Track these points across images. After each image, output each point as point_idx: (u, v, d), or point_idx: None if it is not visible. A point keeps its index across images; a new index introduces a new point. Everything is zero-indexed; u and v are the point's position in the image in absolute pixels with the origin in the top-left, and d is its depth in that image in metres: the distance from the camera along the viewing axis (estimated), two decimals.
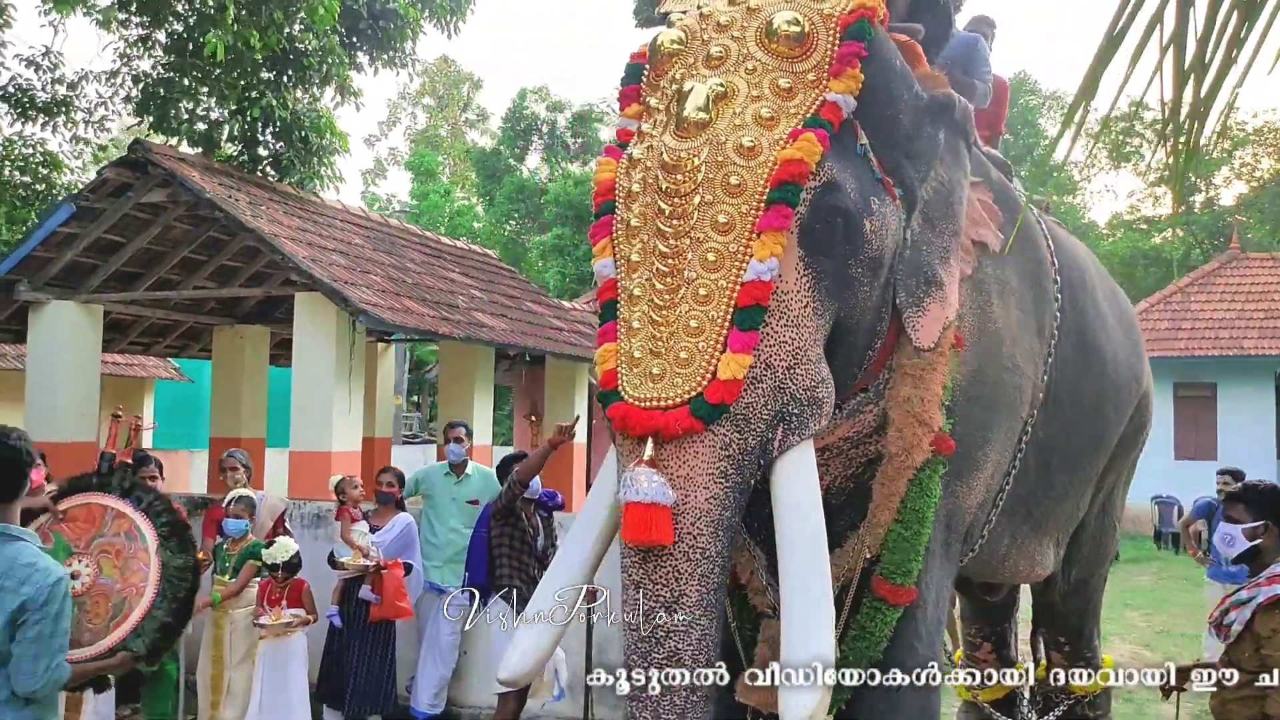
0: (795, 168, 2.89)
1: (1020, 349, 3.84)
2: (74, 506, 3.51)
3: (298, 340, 8.07)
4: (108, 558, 3.39)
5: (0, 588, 2.63)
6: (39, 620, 2.63)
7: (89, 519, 3.47)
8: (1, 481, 2.75)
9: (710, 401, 2.75)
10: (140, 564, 3.38)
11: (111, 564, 3.38)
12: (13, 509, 2.78)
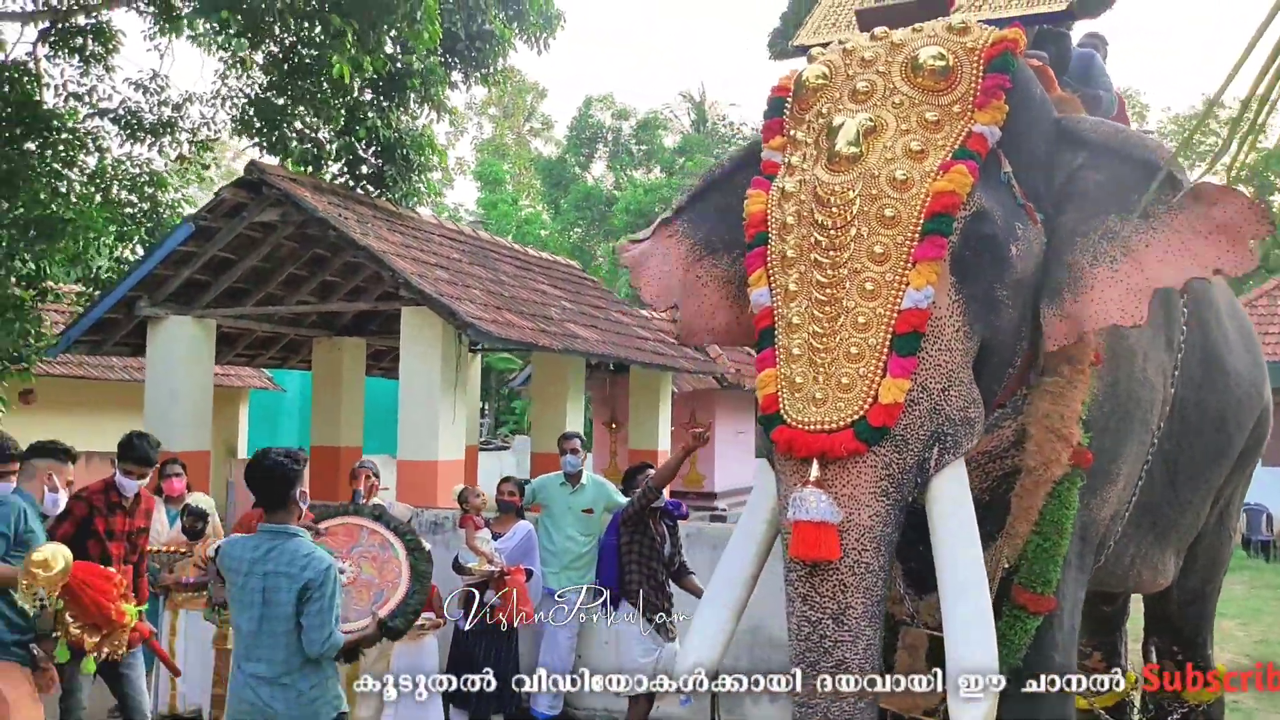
0: (948, 199, 3.04)
1: (1151, 364, 3.94)
2: (332, 525, 4.39)
3: (405, 353, 8.38)
4: (366, 561, 4.28)
5: (288, 573, 3.47)
6: (319, 597, 3.44)
7: (347, 534, 4.37)
8: (270, 492, 3.58)
9: (873, 424, 2.91)
10: (394, 566, 4.28)
11: (370, 565, 4.27)
12: (288, 513, 3.60)
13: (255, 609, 3.51)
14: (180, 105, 11.25)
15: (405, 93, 9.32)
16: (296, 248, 9.43)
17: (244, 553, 3.58)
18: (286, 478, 3.57)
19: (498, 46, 9.95)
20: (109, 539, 4.58)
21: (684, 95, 40.54)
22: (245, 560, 3.56)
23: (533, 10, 10.28)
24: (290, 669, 3.49)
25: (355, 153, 9.57)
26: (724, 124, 39.04)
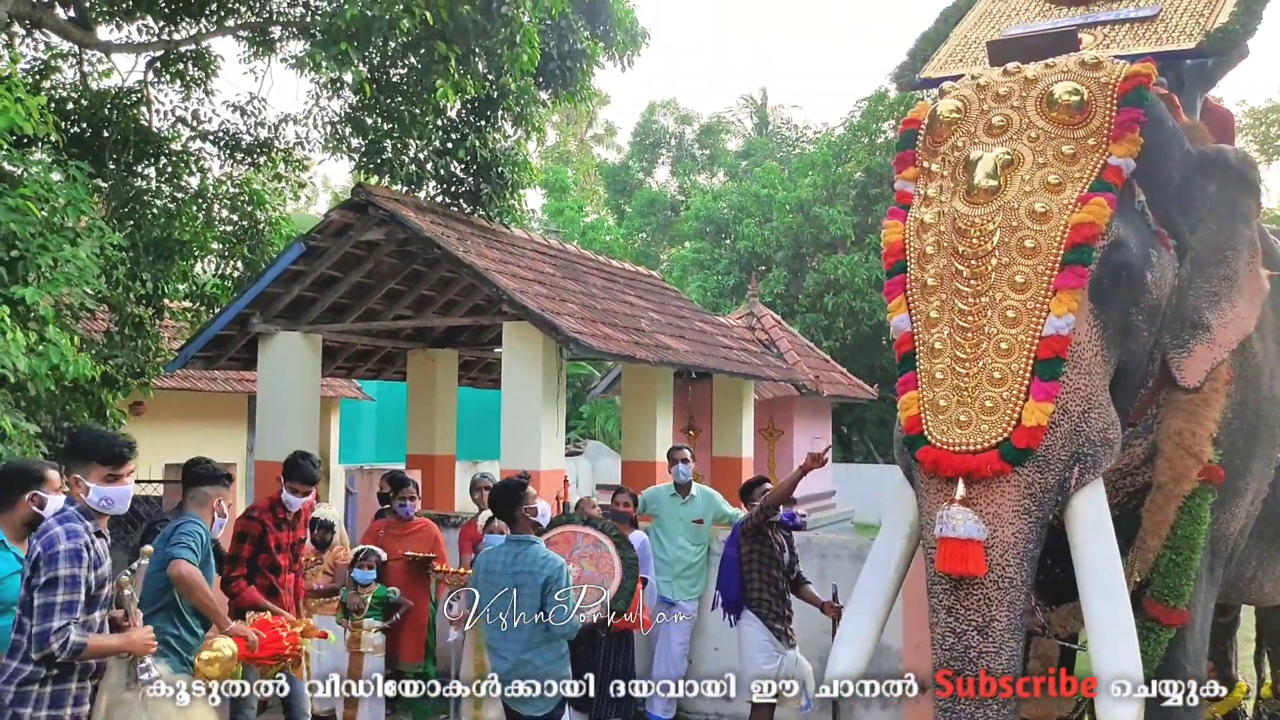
0: (1088, 231, 3.20)
1: (1277, 381, 4.04)
2: (553, 535, 5.34)
3: (507, 365, 8.65)
4: (585, 560, 5.25)
5: (530, 571, 4.32)
6: (559, 589, 4.29)
7: (565, 540, 5.24)
8: (504, 506, 4.53)
9: (1017, 446, 3.08)
10: (606, 560, 5.21)
11: (589, 563, 5.21)
12: (520, 526, 4.48)
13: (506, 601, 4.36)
14: (277, 126, 11.71)
15: (500, 113, 9.61)
16: (397, 264, 9.77)
17: (497, 560, 4.48)
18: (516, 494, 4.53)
19: (587, 65, 10.19)
20: (278, 551, 4.93)
21: (745, 99, 40.60)
22: (498, 564, 4.44)
23: (620, 29, 10.51)
24: (532, 646, 4.31)
25: (452, 172, 9.89)
26: (787, 126, 39.03)
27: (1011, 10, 4.61)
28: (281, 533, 5.05)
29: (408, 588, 6.02)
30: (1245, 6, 3.91)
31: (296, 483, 5.03)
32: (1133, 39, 4.03)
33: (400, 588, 6.01)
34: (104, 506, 3.24)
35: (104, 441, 3.28)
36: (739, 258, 23.62)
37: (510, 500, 4.50)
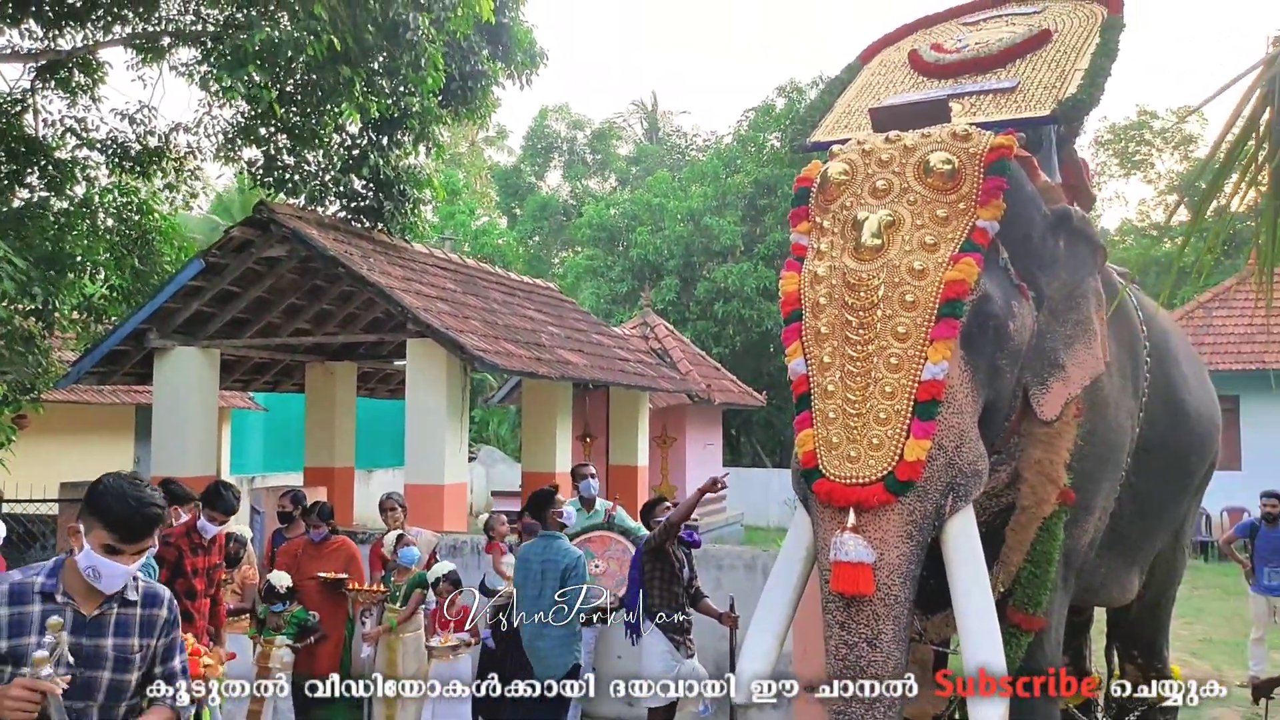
0: (959, 288, 3.63)
1: (1122, 410, 4.57)
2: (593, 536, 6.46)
3: (411, 381, 8.81)
4: (613, 560, 6.40)
5: (555, 560, 5.48)
6: (576, 576, 5.46)
7: (601, 541, 6.35)
8: (538, 508, 5.68)
9: (900, 479, 3.48)
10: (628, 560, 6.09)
11: (614, 563, 6.32)
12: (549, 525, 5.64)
13: (535, 586, 5.49)
14: (167, 135, 11.53)
15: (402, 132, 9.75)
16: (298, 279, 9.81)
17: (532, 551, 5.62)
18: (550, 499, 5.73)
19: (487, 84, 10.40)
20: (194, 575, 5.03)
21: (636, 104, 41.11)
22: (533, 555, 5.59)
23: (519, 49, 10.75)
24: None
25: (354, 188, 9.97)
26: (677, 134, 39.67)
27: (889, 82, 5.06)
28: (197, 558, 5.16)
29: (324, 607, 6.16)
30: (1090, 80, 4.41)
31: (217, 512, 5.15)
32: (995, 108, 4.50)
33: (316, 607, 6.15)
34: (88, 576, 2.57)
35: (119, 503, 2.57)
36: (632, 265, 24.01)
37: (544, 504, 5.71)
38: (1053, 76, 4.51)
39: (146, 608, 2.69)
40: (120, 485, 2.60)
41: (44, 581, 2.60)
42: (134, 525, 2.58)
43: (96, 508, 2.58)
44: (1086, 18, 4.85)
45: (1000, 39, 4.88)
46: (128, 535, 2.57)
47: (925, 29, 5.49)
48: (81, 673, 2.54)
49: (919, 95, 4.65)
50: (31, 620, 2.53)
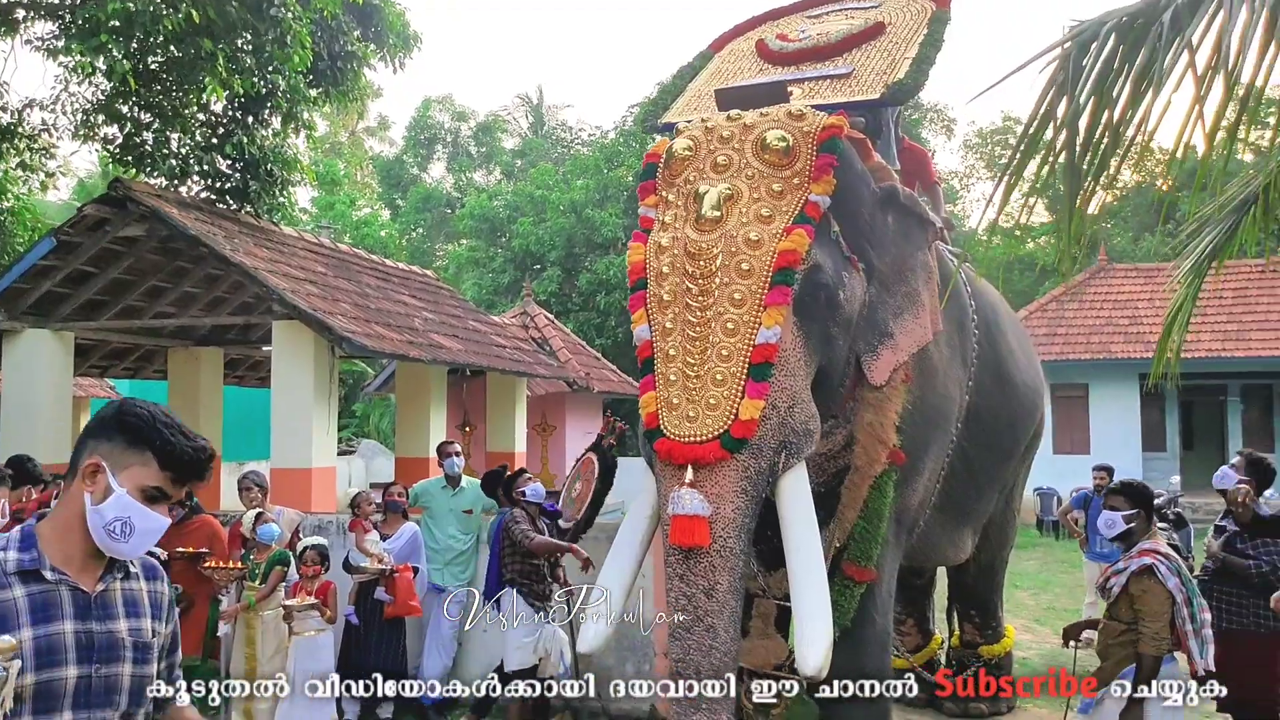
0: (791, 257, 3.84)
1: (950, 378, 4.88)
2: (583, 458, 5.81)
3: (277, 364, 8.68)
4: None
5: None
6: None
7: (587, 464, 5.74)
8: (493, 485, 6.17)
9: (735, 436, 3.67)
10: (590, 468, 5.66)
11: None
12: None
13: None
14: (20, 111, 11.07)
15: (269, 110, 9.58)
16: (159, 260, 9.54)
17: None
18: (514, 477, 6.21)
19: (358, 66, 10.30)
20: None
21: (522, 98, 40.97)
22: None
23: (391, 32, 10.68)
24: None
25: (218, 167, 9.75)
26: (562, 128, 39.68)
27: (737, 69, 5.29)
28: None
29: (186, 583, 6.08)
30: (917, 67, 4.70)
31: None
32: (831, 91, 4.74)
33: (183, 584, 6.08)
34: (109, 533, 1.90)
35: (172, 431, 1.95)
36: (514, 256, 24.01)
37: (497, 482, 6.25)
38: (884, 64, 4.78)
39: (149, 581, 2.07)
40: (159, 411, 1.97)
41: (18, 557, 1.90)
42: (195, 460, 1.97)
43: (142, 436, 1.91)
44: (918, 12, 5.16)
45: (840, 30, 5.14)
46: (184, 473, 1.95)
47: (773, 21, 5.73)
48: (98, 671, 1.91)
49: (761, 78, 4.87)
50: (17, 611, 1.86)
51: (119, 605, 1.98)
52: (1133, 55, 3.62)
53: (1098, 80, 3.61)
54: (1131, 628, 4.14)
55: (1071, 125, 3.60)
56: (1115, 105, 3.42)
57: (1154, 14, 3.49)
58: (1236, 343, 18.10)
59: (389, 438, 25.53)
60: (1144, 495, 4.45)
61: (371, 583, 6.29)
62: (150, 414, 1.95)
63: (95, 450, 1.94)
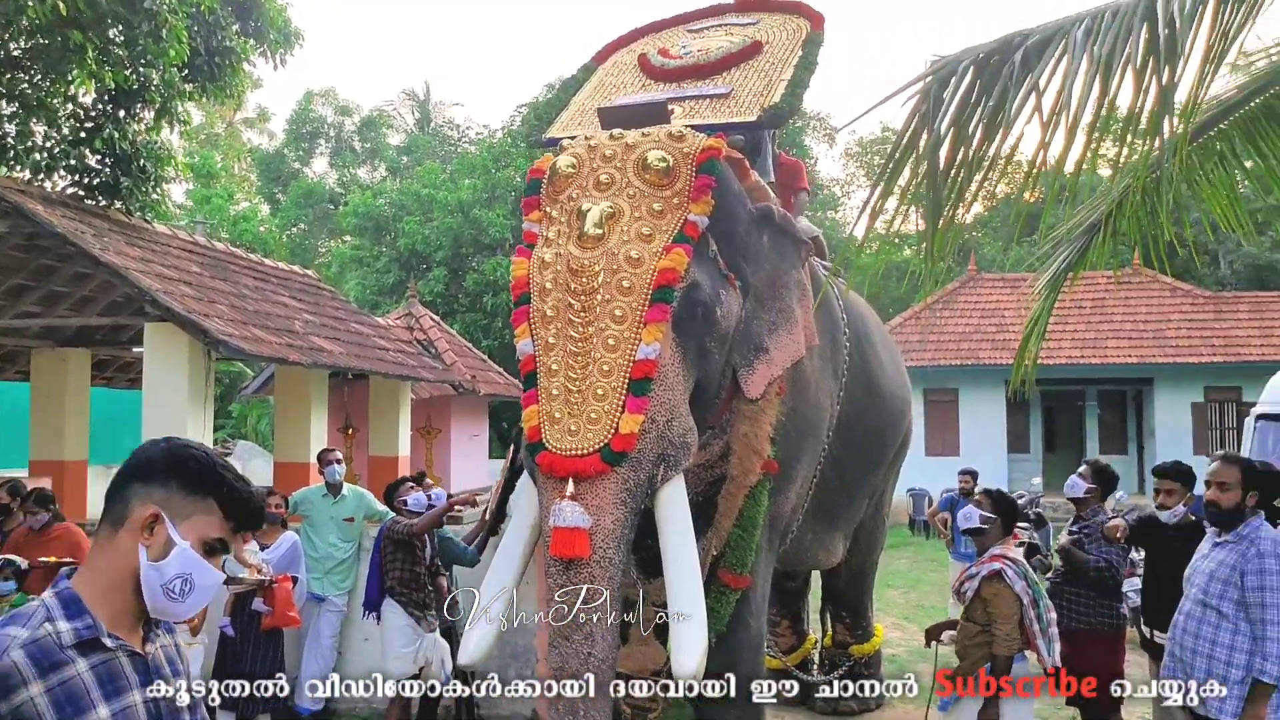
0: (670, 275, 3.97)
1: (822, 390, 5.09)
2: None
3: (149, 368, 8.41)
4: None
5: None
6: None
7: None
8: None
9: (615, 450, 3.77)
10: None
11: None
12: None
13: None
14: None
15: (142, 105, 9.26)
16: (22, 258, 9.12)
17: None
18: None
19: (236, 62, 10.04)
20: None
21: (408, 93, 40.35)
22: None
23: (272, 28, 10.45)
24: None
25: (86, 162, 9.38)
26: (449, 125, 39.24)
27: (620, 83, 5.40)
28: None
29: None
30: (791, 90, 4.89)
31: None
32: (711, 112, 4.90)
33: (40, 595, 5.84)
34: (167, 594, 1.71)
35: (233, 475, 1.81)
36: (399, 256, 23.66)
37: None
38: (761, 85, 4.95)
39: (169, 633, 1.89)
40: (212, 450, 1.83)
41: (72, 627, 1.67)
42: (258, 508, 1.85)
43: (204, 482, 1.74)
44: (793, 32, 5.36)
45: (720, 47, 5.31)
46: (246, 521, 1.82)
47: (654, 34, 5.86)
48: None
49: (643, 97, 4.99)
50: (86, 688, 1.64)
51: (166, 664, 1.80)
52: (988, 90, 3.87)
53: (956, 113, 3.84)
54: (985, 629, 4.41)
55: (931, 156, 3.83)
56: (971, 141, 3.65)
57: (1008, 52, 3.74)
58: (1094, 351, 19.16)
59: (267, 439, 24.85)
60: (1007, 505, 4.73)
61: (249, 593, 6.17)
62: (208, 456, 1.78)
63: (148, 497, 1.71)
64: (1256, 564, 3.80)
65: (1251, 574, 3.81)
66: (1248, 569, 3.83)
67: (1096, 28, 3.55)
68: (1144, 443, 20.62)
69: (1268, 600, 3.74)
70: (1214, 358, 18.84)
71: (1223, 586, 3.91)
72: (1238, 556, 3.89)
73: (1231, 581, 3.88)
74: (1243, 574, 3.85)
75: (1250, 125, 5.44)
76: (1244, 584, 3.83)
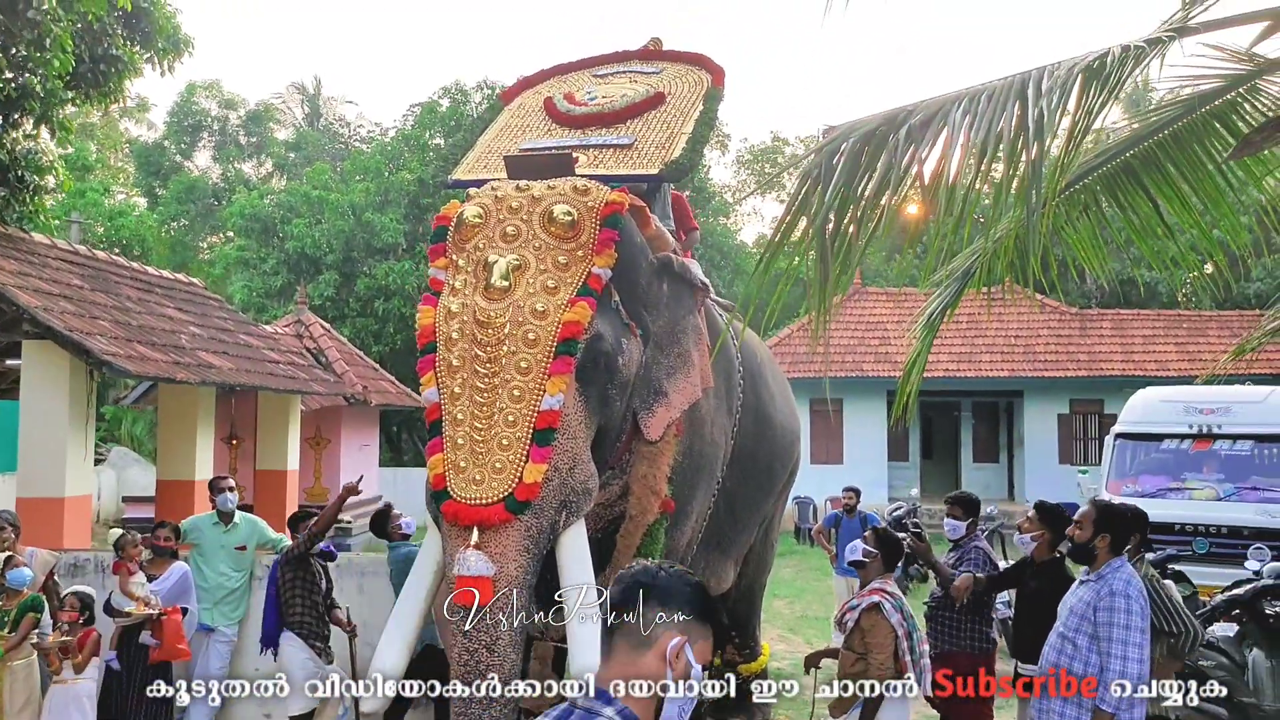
0: (574, 328, 4.12)
1: (716, 427, 5.30)
2: None
3: (28, 387, 8.13)
4: None
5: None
6: None
7: None
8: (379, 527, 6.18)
9: (519, 499, 3.91)
10: None
11: None
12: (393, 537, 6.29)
13: None
14: None
15: (21, 114, 8.92)
16: None
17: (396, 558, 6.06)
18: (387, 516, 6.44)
19: (123, 69, 9.76)
20: None
21: (297, 87, 39.38)
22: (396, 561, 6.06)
23: (161, 35, 10.17)
24: None
25: None
26: (340, 122, 38.45)
27: (526, 125, 5.52)
28: None
29: None
30: (692, 146, 5.08)
31: None
32: (615, 162, 5.05)
33: None
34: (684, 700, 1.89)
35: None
36: (288, 258, 23.12)
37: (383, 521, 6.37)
38: (662, 137, 5.14)
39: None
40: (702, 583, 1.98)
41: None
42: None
43: (707, 611, 1.90)
44: (695, 84, 5.56)
45: (624, 95, 5.47)
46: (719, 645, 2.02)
47: (561, 75, 5.99)
48: None
49: (549, 142, 5.12)
50: None
51: None
52: (875, 159, 4.14)
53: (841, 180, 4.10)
54: (863, 657, 4.69)
55: (821, 220, 4.08)
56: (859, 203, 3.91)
57: (892, 126, 4.01)
58: (969, 364, 20.03)
59: (144, 445, 23.97)
60: (889, 543, 5.02)
61: (136, 626, 6.06)
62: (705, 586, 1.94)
63: (669, 626, 1.83)
64: (1108, 601, 4.16)
65: (1103, 610, 4.17)
66: (1100, 605, 4.18)
67: (974, 109, 3.85)
68: (1014, 451, 21.65)
69: (1114, 635, 4.10)
70: (1078, 372, 19.91)
71: (1078, 620, 4.25)
72: (1093, 594, 4.23)
73: (1086, 616, 4.22)
74: (1095, 609, 4.19)
75: (1110, 181, 5.91)
76: (1095, 619, 4.18)
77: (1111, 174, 5.91)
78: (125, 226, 27.65)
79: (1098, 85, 4.28)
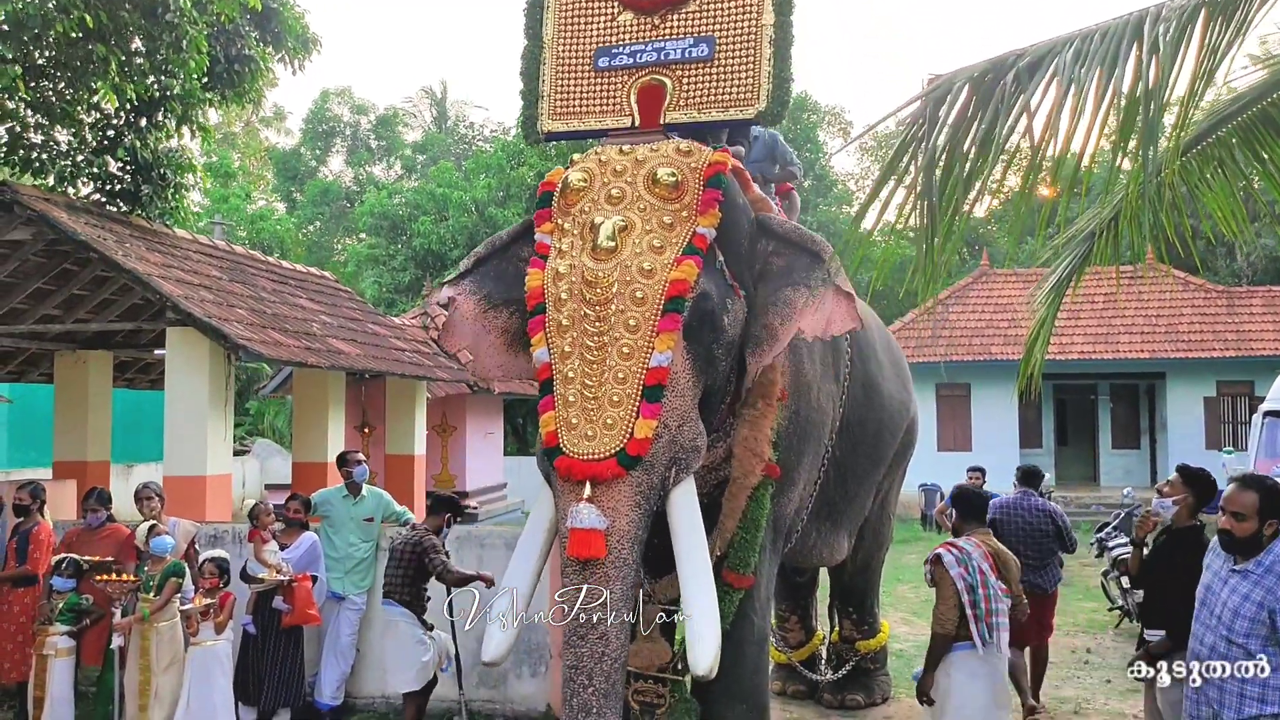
0: (681, 286, 4.10)
1: (823, 394, 5.22)
2: None
3: (171, 371, 8.59)
4: None
5: None
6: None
7: None
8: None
9: (630, 454, 3.92)
10: None
11: None
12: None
13: None
14: None
15: (163, 114, 9.43)
16: (44, 263, 9.33)
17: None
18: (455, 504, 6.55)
19: (256, 70, 10.22)
20: None
21: (425, 91, 40.55)
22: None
23: (290, 35, 10.61)
24: None
25: (109, 170, 9.56)
26: (465, 124, 39.41)
27: (586, 13, 5.00)
28: None
29: (99, 593, 6.09)
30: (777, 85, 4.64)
31: None
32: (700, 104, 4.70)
33: (93, 594, 6.11)
34: None
35: None
36: (415, 255, 23.85)
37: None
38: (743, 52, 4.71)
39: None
40: None
41: None
42: None
43: None
44: None
45: None
46: None
47: None
48: None
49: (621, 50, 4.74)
50: None
51: None
52: (983, 107, 3.99)
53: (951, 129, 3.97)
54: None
55: (928, 170, 3.96)
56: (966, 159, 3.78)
57: (1001, 72, 3.86)
58: (1106, 346, 19.19)
59: (285, 437, 25.10)
60: (963, 498, 5.30)
61: (270, 592, 6.35)
62: None
63: None
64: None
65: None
66: (1278, 608, 3.64)
67: (1086, 49, 3.67)
68: (1156, 436, 20.64)
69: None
70: (1226, 352, 18.84)
71: (1249, 624, 3.69)
72: (1264, 593, 3.67)
73: (1260, 620, 3.67)
74: (1272, 613, 3.65)
75: (1248, 132, 5.54)
76: (1275, 623, 3.64)
77: (1248, 124, 5.54)
78: (265, 229, 29.03)
79: (1223, 21, 4.02)
